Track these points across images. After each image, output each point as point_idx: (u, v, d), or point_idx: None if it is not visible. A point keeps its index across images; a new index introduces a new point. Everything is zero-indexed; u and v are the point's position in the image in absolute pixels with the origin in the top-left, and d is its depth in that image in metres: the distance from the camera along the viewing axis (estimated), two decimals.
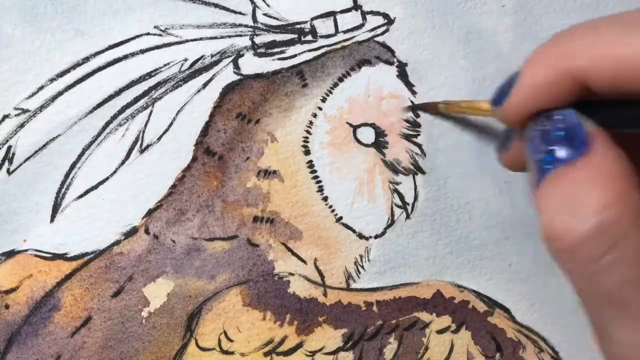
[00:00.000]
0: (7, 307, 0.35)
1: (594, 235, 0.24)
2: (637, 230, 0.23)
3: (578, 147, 0.25)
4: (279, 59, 0.36)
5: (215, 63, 0.36)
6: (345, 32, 0.36)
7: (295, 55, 0.36)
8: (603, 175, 0.24)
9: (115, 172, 0.35)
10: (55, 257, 0.35)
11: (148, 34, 0.35)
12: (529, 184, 0.27)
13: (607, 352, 0.26)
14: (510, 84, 0.28)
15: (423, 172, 0.37)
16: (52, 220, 0.35)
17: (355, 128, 0.37)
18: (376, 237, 0.37)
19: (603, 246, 0.23)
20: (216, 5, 0.36)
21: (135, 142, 0.35)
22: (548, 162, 0.26)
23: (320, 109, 0.36)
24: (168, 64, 0.36)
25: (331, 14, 0.36)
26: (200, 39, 0.36)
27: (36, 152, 0.35)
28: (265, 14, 0.36)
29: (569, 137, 0.26)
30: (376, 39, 0.37)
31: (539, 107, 0.27)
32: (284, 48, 0.36)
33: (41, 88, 0.35)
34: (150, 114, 0.35)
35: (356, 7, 0.36)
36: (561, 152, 0.25)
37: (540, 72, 0.27)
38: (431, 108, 0.36)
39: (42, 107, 0.35)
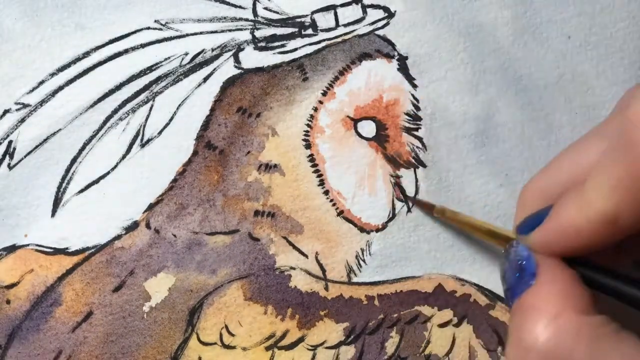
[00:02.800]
0: (8, 302, 0.34)
1: None
2: (581, 350, 0.24)
3: (528, 280, 0.27)
4: (280, 52, 0.36)
5: (216, 57, 0.36)
6: (345, 25, 0.36)
7: (295, 49, 0.36)
8: (541, 301, 0.25)
9: (116, 166, 0.35)
10: (56, 251, 0.35)
11: (148, 28, 0.36)
12: None
13: None
14: (539, 219, 0.28)
15: (424, 166, 0.37)
16: (53, 214, 0.35)
17: (356, 121, 0.37)
18: (377, 230, 0.37)
19: None
20: None
21: (136, 137, 0.35)
22: (509, 297, 0.28)
23: (321, 102, 0.36)
24: (169, 58, 0.36)
25: (332, 7, 0.36)
26: (201, 33, 0.36)
27: (37, 146, 0.35)
28: (265, 8, 0.36)
29: (522, 272, 0.27)
30: (377, 32, 0.37)
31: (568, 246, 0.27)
32: (285, 42, 0.36)
33: (42, 82, 0.35)
34: (151, 108, 0.36)
35: (357, 0, 0.37)
36: (514, 288, 0.27)
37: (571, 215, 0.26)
38: (427, 207, 0.36)
39: (42, 102, 0.35)
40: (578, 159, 0.28)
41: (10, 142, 0.35)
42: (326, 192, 0.36)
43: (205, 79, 0.36)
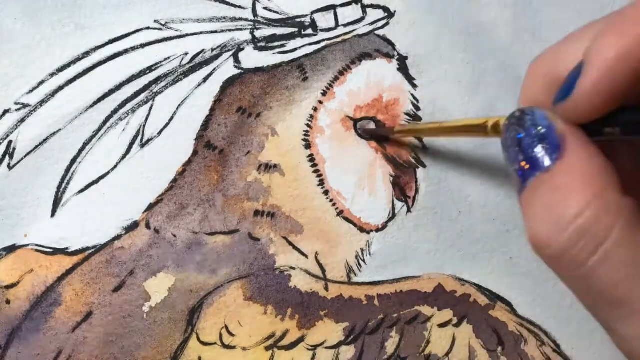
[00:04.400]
0: (8, 302, 0.34)
1: (576, 240, 0.24)
2: (619, 228, 0.24)
3: (552, 152, 0.25)
4: (280, 52, 0.36)
5: (216, 57, 0.36)
6: (345, 25, 0.36)
7: (295, 49, 0.36)
8: (577, 178, 0.24)
9: (116, 166, 0.35)
10: (56, 251, 0.35)
11: (148, 28, 0.36)
12: (514, 188, 0.27)
13: (619, 347, 0.26)
14: (576, 76, 0.26)
15: (424, 166, 0.37)
16: (53, 215, 0.35)
17: (356, 121, 0.37)
18: (377, 230, 0.36)
19: (587, 250, 0.24)
20: None
21: (136, 137, 0.35)
22: (526, 171, 0.26)
23: (320, 102, 0.36)
24: (168, 58, 0.36)
25: (331, 7, 0.36)
26: (201, 33, 0.36)
27: (37, 146, 0.35)
28: (265, 8, 0.36)
29: (542, 144, 0.26)
30: (376, 32, 0.37)
31: (614, 90, 0.25)
32: (285, 42, 0.36)
33: (42, 82, 0.35)
34: (151, 108, 0.35)
35: (356, 0, 0.36)
36: (536, 161, 0.25)
37: (612, 50, 0.24)
38: (386, 132, 0.36)
39: (42, 102, 0.35)
40: (579, 40, 0.26)
41: (10, 142, 0.35)
42: (326, 192, 0.36)
43: (205, 79, 0.36)
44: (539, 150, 0.25)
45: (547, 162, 0.25)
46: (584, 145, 0.25)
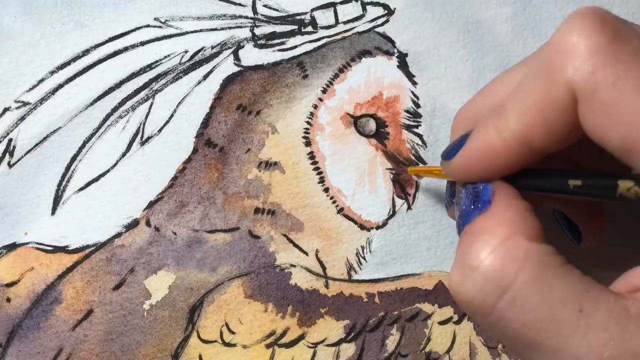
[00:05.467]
0: (8, 300, 0.34)
1: (481, 286, 0.24)
2: (526, 273, 0.24)
3: (481, 207, 0.27)
4: (279, 50, 0.36)
5: (216, 55, 0.36)
6: (345, 22, 0.36)
7: (295, 47, 0.36)
8: (491, 226, 0.25)
9: (116, 164, 0.35)
10: (57, 249, 0.35)
11: (148, 25, 0.36)
12: None
13: None
14: (461, 144, 0.28)
15: (424, 163, 0.37)
16: (53, 213, 0.35)
17: (356, 119, 0.37)
18: (377, 228, 0.37)
19: (493, 295, 0.24)
20: None
21: (135, 134, 0.35)
22: (460, 223, 0.27)
23: (320, 100, 0.36)
24: (168, 55, 0.36)
25: (331, 4, 0.36)
26: (201, 30, 0.36)
27: (37, 144, 0.35)
28: (265, 5, 0.36)
29: (476, 200, 0.27)
30: (376, 29, 0.37)
31: (482, 171, 0.27)
32: (284, 39, 0.36)
33: (41, 80, 0.35)
34: (151, 106, 0.35)
35: None
36: (469, 214, 0.27)
37: (487, 138, 0.27)
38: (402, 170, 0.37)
39: (42, 100, 0.35)
40: (506, 84, 0.29)
41: (11, 140, 0.35)
42: (326, 190, 0.36)
43: (205, 77, 0.36)
44: (472, 205, 0.27)
45: (475, 214, 0.27)
46: (506, 197, 0.26)
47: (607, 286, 0.24)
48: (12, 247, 0.35)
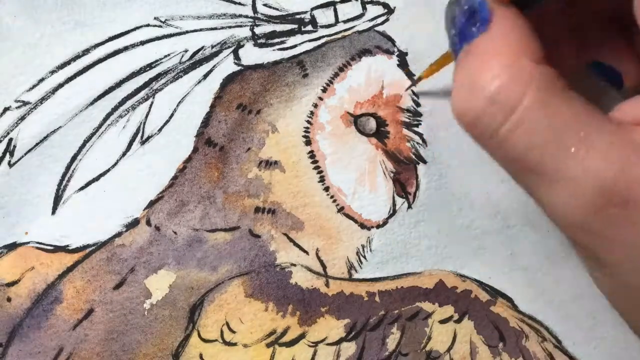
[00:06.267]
0: (9, 299, 0.34)
1: (488, 107, 0.24)
2: (531, 94, 0.24)
3: (480, 25, 0.26)
4: (279, 49, 0.36)
5: (216, 54, 0.36)
6: (345, 21, 0.36)
7: (295, 46, 0.36)
8: (496, 47, 0.25)
9: (116, 163, 0.35)
10: (57, 249, 0.35)
11: (148, 25, 0.36)
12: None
13: (548, 216, 0.26)
14: None
15: (424, 162, 0.37)
16: (53, 212, 0.35)
17: (356, 118, 0.37)
18: (378, 227, 0.36)
19: (499, 116, 0.24)
20: None
21: (136, 134, 0.35)
22: (456, 44, 0.27)
23: (321, 99, 0.36)
24: (168, 55, 0.36)
25: (331, 3, 0.36)
26: (201, 29, 0.36)
27: (37, 144, 0.35)
28: (265, 5, 0.36)
29: (472, 18, 0.26)
30: (376, 28, 0.37)
31: None
32: (284, 38, 0.36)
33: (42, 80, 0.35)
34: (151, 105, 0.36)
35: None
36: (465, 33, 0.26)
37: None
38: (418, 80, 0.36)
39: (42, 99, 0.35)
40: None
41: (11, 139, 0.35)
42: (326, 189, 0.36)
43: (205, 76, 0.36)
44: (468, 23, 0.26)
45: (474, 34, 0.26)
46: (508, 18, 0.25)
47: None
48: (13, 246, 0.35)
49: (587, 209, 0.23)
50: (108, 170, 0.35)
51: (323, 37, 0.36)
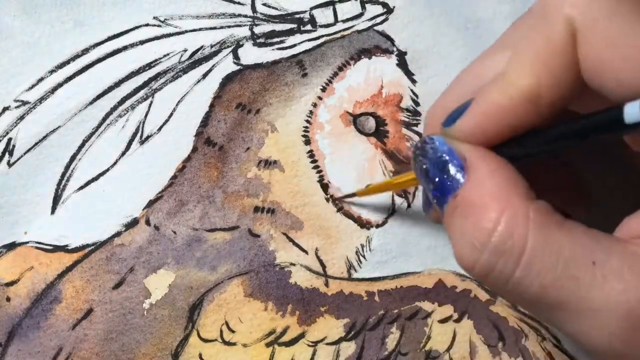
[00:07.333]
0: (8, 299, 0.34)
1: (495, 259, 0.24)
2: (532, 235, 0.24)
3: (458, 174, 0.26)
4: (279, 48, 0.36)
5: (215, 53, 0.36)
6: (344, 21, 0.36)
7: (294, 45, 0.36)
8: (483, 195, 0.25)
9: (115, 163, 0.35)
10: (56, 249, 0.35)
11: (147, 24, 0.36)
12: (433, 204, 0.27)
13: (573, 342, 0.26)
14: (462, 111, 0.27)
15: None
16: (52, 212, 0.35)
17: (355, 117, 0.37)
18: (377, 226, 0.36)
19: (509, 266, 0.24)
20: None
21: (135, 133, 0.35)
22: (439, 197, 0.26)
23: (320, 98, 0.36)
24: (168, 54, 0.36)
25: (330, 3, 0.36)
26: (200, 29, 0.36)
27: (36, 144, 0.35)
28: (264, 4, 0.36)
29: (446, 168, 0.26)
30: (375, 28, 0.37)
31: (495, 127, 0.26)
32: (284, 38, 0.36)
33: (41, 80, 0.35)
34: (150, 104, 0.36)
35: None
36: (445, 186, 0.26)
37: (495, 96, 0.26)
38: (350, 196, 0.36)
39: (42, 99, 0.35)
40: (482, 70, 0.27)
41: (10, 139, 0.35)
42: (326, 188, 0.36)
43: (205, 76, 0.36)
44: (445, 176, 0.26)
45: (454, 185, 0.25)
46: (485, 159, 0.25)
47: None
48: (12, 246, 0.35)
49: (614, 336, 0.23)
50: (107, 170, 0.35)
51: (322, 36, 0.36)
